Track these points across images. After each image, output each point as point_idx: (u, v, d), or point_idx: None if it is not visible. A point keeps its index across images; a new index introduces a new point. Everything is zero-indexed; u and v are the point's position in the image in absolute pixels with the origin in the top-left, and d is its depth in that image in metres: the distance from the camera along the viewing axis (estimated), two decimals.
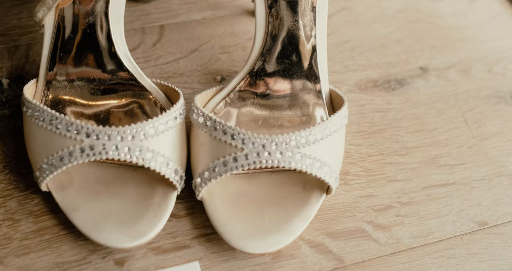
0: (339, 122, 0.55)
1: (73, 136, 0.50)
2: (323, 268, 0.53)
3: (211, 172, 0.52)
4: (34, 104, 0.52)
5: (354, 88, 0.66)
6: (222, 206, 0.53)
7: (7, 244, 0.51)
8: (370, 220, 0.57)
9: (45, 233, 0.52)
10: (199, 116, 0.54)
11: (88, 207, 0.51)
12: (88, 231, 0.50)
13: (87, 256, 0.51)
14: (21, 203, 0.53)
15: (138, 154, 0.50)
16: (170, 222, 0.54)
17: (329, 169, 0.53)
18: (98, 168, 0.54)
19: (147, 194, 0.53)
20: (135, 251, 0.52)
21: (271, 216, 0.53)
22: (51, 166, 0.50)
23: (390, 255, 0.55)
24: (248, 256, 0.53)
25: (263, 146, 0.51)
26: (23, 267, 0.50)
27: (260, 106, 0.58)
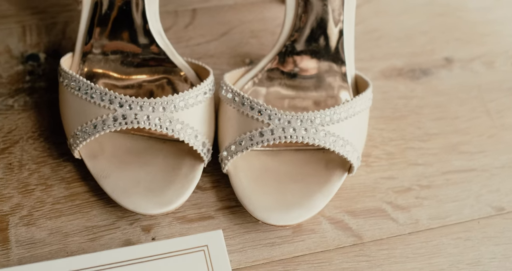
0: (363, 104, 0.57)
1: (107, 105, 0.52)
2: (342, 243, 0.55)
3: (238, 146, 0.54)
4: (71, 74, 0.55)
5: (379, 76, 0.68)
6: (246, 180, 0.55)
7: (40, 207, 0.54)
8: (390, 200, 0.58)
9: (76, 199, 0.55)
10: (227, 93, 0.56)
11: (118, 174, 0.54)
12: (117, 197, 0.53)
13: (116, 222, 0.54)
14: (54, 170, 0.56)
15: (168, 124, 0.53)
16: (195, 193, 0.56)
17: (352, 148, 0.55)
18: (128, 139, 0.57)
19: (175, 165, 0.55)
20: (161, 219, 0.54)
21: (294, 191, 0.55)
22: (84, 133, 0.53)
23: (408, 234, 0.56)
24: (269, 228, 0.55)
25: (288, 122, 0.53)
26: (54, 229, 0.53)
27: (287, 86, 0.60)
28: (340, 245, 0.55)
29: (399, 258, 0.55)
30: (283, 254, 0.54)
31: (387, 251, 0.55)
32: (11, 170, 0.56)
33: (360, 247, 0.55)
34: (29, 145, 0.57)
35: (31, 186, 0.55)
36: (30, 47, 0.63)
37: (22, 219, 0.53)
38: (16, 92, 0.60)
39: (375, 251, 0.55)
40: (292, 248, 0.54)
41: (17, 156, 0.57)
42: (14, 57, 0.62)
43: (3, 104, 0.59)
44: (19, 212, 0.54)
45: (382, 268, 0.54)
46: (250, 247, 0.54)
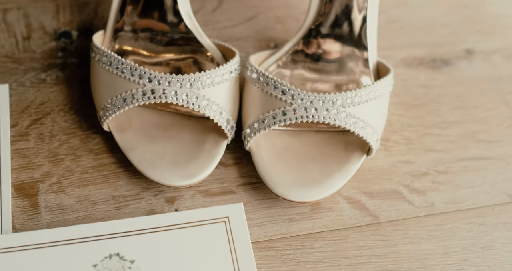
0: (384, 88, 0.59)
1: (137, 80, 0.55)
2: (359, 222, 0.57)
3: (261, 124, 0.56)
4: (102, 50, 0.57)
5: (400, 64, 0.70)
6: (268, 157, 0.57)
7: (69, 176, 0.56)
8: (407, 184, 0.60)
9: (103, 169, 0.57)
10: (252, 73, 0.58)
11: (145, 147, 0.56)
12: (143, 168, 0.55)
13: (141, 193, 0.56)
14: (83, 141, 0.58)
15: (195, 100, 0.55)
16: (218, 169, 0.58)
17: (371, 130, 0.57)
18: (155, 114, 0.59)
19: (200, 140, 0.57)
20: (184, 192, 0.57)
21: (313, 170, 0.57)
22: (114, 106, 0.55)
23: (423, 217, 0.58)
24: (289, 205, 0.57)
25: (311, 102, 0.55)
26: (82, 196, 0.55)
27: (310, 69, 0.62)
28: (356, 224, 0.57)
29: (414, 239, 0.57)
30: (301, 230, 0.56)
31: (402, 232, 0.57)
32: (42, 140, 0.58)
33: (376, 226, 0.57)
34: (60, 117, 0.60)
35: (61, 155, 0.58)
36: (63, 25, 0.66)
37: (51, 186, 0.56)
38: (48, 67, 0.63)
39: (390, 231, 0.57)
40: (309, 225, 0.56)
41: (48, 127, 0.59)
42: (47, 34, 0.65)
43: (36, 78, 0.62)
44: (49, 179, 0.56)
45: (397, 247, 0.56)
46: (269, 222, 0.56)
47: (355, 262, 0.55)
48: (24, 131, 0.59)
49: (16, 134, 0.58)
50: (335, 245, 0.55)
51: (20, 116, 0.59)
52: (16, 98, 0.60)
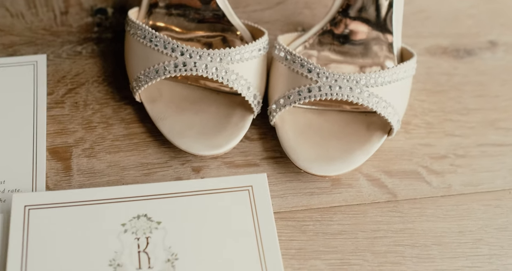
0: (407, 71, 0.61)
1: (169, 53, 0.58)
2: (377, 199, 0.60)
3: (286, 99, 0.59)
4: (137, 24, 0.60)
5: (424, 52, 0.72)
6: (292, 132, 0.60)
7: (101, 142, 0.60)
8: (426, 165, 0.63)
9: (133, 138, 0.60)
10: (280, 52, 0.61)
11: (174, 118, 0.59)
12: (172, 138, 0.58)
13: (169, 161, 0.59)
14: (115, 111, 0.62)
15: (224, 74, 0.58)
16: (243, 142, 0.61)
17: (393, 110, 0.60)
18: (185, 88, 0.62)
19: (227, 114, 0.60)
20: (210, 162, 0.60)
21: (335, 147, 0.60)
22: (147, 77, 0.59)
23: (440, 197, 0.61)
24: (310, 179, 0.60)
25: (335, 81, 0.58)
26: (113, 162, 0.59)
27: (336, 52, 0.65)
28: (375, 200, 0.59)
29: (430, 217, 0.59)
30: (321, 203, 0.59)
31: (419, 210, 0.59)
32: (76, 108, 0.62)
33: (394, 204, 0.60)
34: (94, 87, 0.63)
35: (94, 123, 0.61)
36: (99, 1, 0.69)
37: (84, 151, 0.59)
38: (84, 41, 0.66)
39: (408, 209, 0.59)
40: (329, 199, 0.59)
41: (83, 96, 0.63)
42: (84, 9, 0.68)
43: (72, 50, 0.65)
44: (82, 145, 0.59)
45: (414, 224, 0.58)
46: (291, 194, 0.59)
47: (372, 236, 0.57)
48: (60, 100, 0.62)
49: (52, 101, 0.62)
50: (354, 219, 0.58)
51: (56, 85, 0.63)
52: (52, 69, 0.64)
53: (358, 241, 0.57)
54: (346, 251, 0.56)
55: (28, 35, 0.67)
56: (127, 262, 0.51)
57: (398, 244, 0.57)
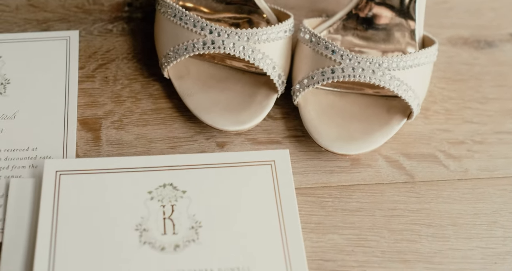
0: (428, 57, 0.64)
1: (198, 31, 0.61)
2: (395, 180, 0.62)
3: (310, 79, 0.62)
4: (168, 3, 0.63)
5: (445, 42, 0.75)
6: (314, 112, 0.63)
7: (129, 115, 0.63)
8: (444, 149, 0.65)
9: (161, 112, 0.63)
10: (305, 34, 0.64)
11: (201, 95, 0.62)
12: (198, 113, 0.61)
13: (194, 136, 0.62)
14: (143, 86, 0.65)
15: (251, 53, 0.61)
16: (266, 121, 0.64)
17: (414, 94, 0.62)
18: (212, 67, 0.65)
19: (252, 93, 0.63)
20: (234, 138, 0.62)
21: (356, 127, 0.62)
22: (176, 53, 0.61)
23: (457, 180, 0.63)
24: (330, 158, 0.62)
25: (358, 63, 0.61)
26: (140, 135, 0.62)
27: (359, 37, 0.68)
28: (393, 180, 0.62)
29: (447, 199, 0.61)
30: (340, 181, 0.61)
31: (436, 192, 0.62)
32: (106, 82, 0.65)
33: (412, 185, 0.62)
34: (123, 64, 0.66)
35: (123, 97, 0.64)
36: None
37: (113, 123, 0.62)
38: (115, 19, 0.69)
39: (424, 190, 0.62)
40: (349, 177, 0.61)
41: (113, 72, 0.66)
42: None
43: (103, 28, 0.68)
44: (111, 117, 0.62)
45: (430, 205, 0.61)
46: (311, 172, 0.61)
47: (389, 214, 0.60)
48: (91, 74, 0.65)
49: (83, 75, 0.65)
50: (372, 197, 0.60)
51: (87, 60, 0.66)
52: (84, 45, 0.67)
53: (375, 219, 0.59)
54: (363, 227, 0.58)
55: (61, 12, 0.70)
56: (153, 228, 0.54)
57: (414, 223, 0.59)
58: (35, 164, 0.58)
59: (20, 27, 0.68)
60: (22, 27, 0.68)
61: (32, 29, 0.68)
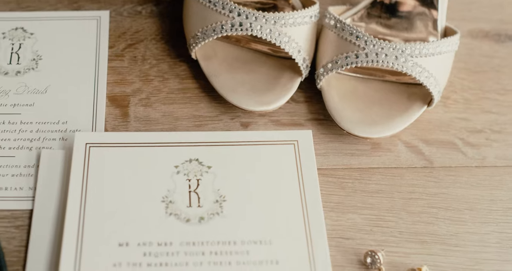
0: (450, 46, 0.66)
1: (227, 13, 0.63)
2: (414, 164, 0.64)
3: (334, 64, 0.64)
4: None
5: (466, 35, 0.77)
6: (337, 96, 0.65)
7: (156, 94, 0.65)
8: (462, 137, 0.67)
9: (187, 92, 0.66)
10: (330, 20, 0.66)
11: (227, 76, 0.64)
12: (225, 93, 0.63)
13: (219, 115, 0.64)
14: (171, 67, 0.67)
15: (277, 36, 0.63)
16: (289, 104, 0.66)
17: (435, 81, 0.64)
18: (238, 49, 0.67)
19: (276, 75, 0.65)
20: (258, 119, 0.65)
21: (377, 112, 0.64)
22: (204, 34, 0.64)
23: (474, 167, 0.65)
24: (351, 141, 0.64)
25: (382, 49, 0.63)
26: (167, 112, 0.64)
27: (383, 25, 0.70)
28: (412, 165, 0.64)
29: (464, 184, 0.63)
30: (360, 164, 0.63)
31: (454, 177, 0.64)
32: (135, 61, 0.67)
33: (430, 170, 0.64)
34: (152, 44, 0.69)
35: (151, 76, 0.66)
36: None
37: (140, 100, 0.65)
38: (144, 2, 0.72)
39: (443, 175, 0.64)
40: (369, 161, 0.64)
41: (141, 52, 0.68)
42: None
43: (133, 10, 0.71)
44: (139, 95, 0.65)
45: (448, 189, 0.63)
46: (333, 154, 0.63)
47: (408, 197, 0.62)
48: (120, 53, 0.68)
49: (112, 54, 0.68)
50: (391, 180, 0.62)
51: (117, 40, 0.69)
52: (114, 25, 0.70)
53: (394, 201, 0.61)
54: (382, 208, 0.60)
55: None
56: (179, 200, 0.56)
57: (432, 206, 0.61)
58: (65, 137, 0.60)
59: (51, 6, 0.71)
60: (53, 6, 0.71)
61: (63, 8, 0.71)
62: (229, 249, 0.54)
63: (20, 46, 0.66)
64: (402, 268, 0.57)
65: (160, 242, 0.53)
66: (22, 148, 0.59)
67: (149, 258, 0.53)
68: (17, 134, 0.60)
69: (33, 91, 0.63)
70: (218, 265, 0.53)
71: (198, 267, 0.52)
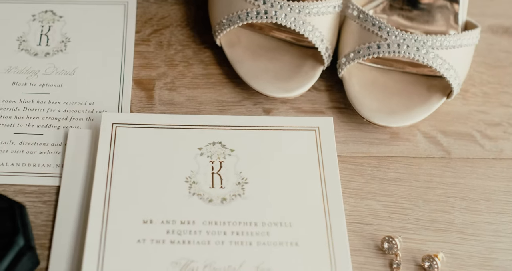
0: (471, 39, 0.67)
1: (252, 1, 0.65)
2: (432, 154, 0.66)
3: (356, 53, 0.65)
4: None
5: (487, 30, 0.78)
6: (358, 85, 0.66)
7: (181, 78, 0.67)
8: (480, 130, 0.68)
9: (211, 78, 0.68)
10: (353, 11, 0.68)
11: (251, 63, 0.66)
12: (248, 79, 0.65)
13: (242, 101, 0.66)
14: (195, 53, 0.69)
15: (301, 24, 0.65)
16: (311, 92, 0.68)
17: (455, 73, 0.66)
18: (261, 37, 0.69)
19: (299, 64, 0.67)
20: (280, 106, 0.66)
21: (397, 102, 0.66)
22: (229, 21, 0.66)
23: (491, 159, 0.66)
24: (371, 130, 0.66)
25: (404, 40, 0.64)
26: (191, 96, 0.66)
27: (404, 17, 0.71)
28: (430, 155, 0.65)
29: (481, 175, 0.65)
30: (379, 152, 0.65)
31: (471, 168, 0.65)
32: (160, 46, 0.69)
33: (448, 160, 0.65)
34: (177, 30, 0.71)
35: (176, 61, 0.68)
36: None
37: (165, 84, 0.67)
38: None
39: (460, 166, 0.65)
40: (387, 149, 0.65)
41: (167, 37, 0.70)
42: None
43: None
44: (164, 79, 0.67)
45: (465, 180, 0.64)
46: (352, 141, 0.65)
47: (425, 185, 0.63)
48: (146, 38, 0.70)
49: (139, 39, 0.70)
50: (409, 169, 0.64)
51: (143, 25, 0.71)
52: (141, 11, 0.72)
53: (411, 189, 0.63)
54: (400, 196, 0.62)
55: None
56: (202, 181, 0.58)
57: (449, 195, 0.63)
58: (91, 117, 0.62)
59: None
60: None
61: None
62: (250, 229, 0.55)
63: (49, 28, 0.68)
64: (418, 254, 0.58)
65: (183, 221, 0.55)
66: (50, 127, 0.61)
67: (172, 236, 0.54)
68: (45, 113, 0.62)
69: (61, 72, 0.65)
70: (239, 244, 0.55)
71: (220, 246, 0.54)
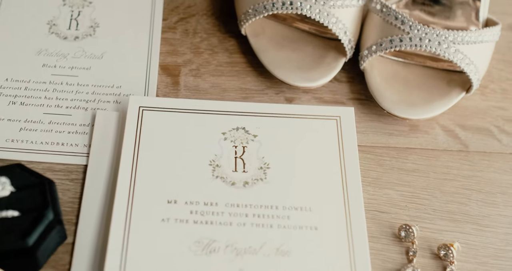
0: (492, 36, 0.69)
1: None
2: (450, 147, 0.67)
3: (378, 46, 0.67)
4: None
5: (507, 28, 0.80)
6: (379, 77, 0.68)
7: (206, 66, 0.69)
8: (498, 125, 0.70)
9: (235, 66, 0.70)
10: (377, 4, 0.70)
11: (274, 52, 0.68)
12: (272, 68, 0.67)
13: (265, 89, 0.68)
14: (221, 41, 0.71)
15: (326, 16, 0.67)
16: (332, 83, 0.70)
17: (475, 68, 0.68)
18: (285, 28, 0.71)
19: (322, 54, 0.69)
20: (302, 95, 0.68)
21: (417, 95, 0.68)
22: (255, 11, 0.68)
23: (508, 154, 0.68)
24: (391, 122, 0.68)
25: (426, 34, 0.66)
26: (216, 83, 0.68)
27: (426, 13, 0.73)
28: (448, 148, 0.67)
29: (498, 169, 0.67)
30: (398, 143, 0.67)
31: (488, 162, 0.67)
32: (186, 34, 0.72)
33: (465, 153, 0.67)
34: (203, 19, 0.73)
35: (201, 49, 0.71)
36: None
37: (191, 71, 0.69)
38: None
39: (477, 160, 0.67)
40: (406, 141, 0.67)
41: (192, 25, 0.72)
42: None
43: None
44: (189, 65, 0.69)
45: (482, 173, 0.66)
46: (372, 132, 0.67)
47: (443, 177, 0.65)
48: (173, 26, 0.72)
49: (165, 26, 0.72)
50: (427, 161, 0.66)
51: (170, 13, 0.73)
52: None
53: (429, 180, 0.65)
54: (417, 186, 0.64)
55: None
56: (225, 164, 0.60)
57: (466, 188, 0.65)
58: (119, 100, 0.64)
59: None
60: None
61: None
62: (271, 213, 0.57)
63: (79, 13, 0.70)
64: (434, 243, 0.60)
65: (206, 202, 0.57)
66: (78, 108, 0.64)
67: (195, 216, 0.57)
68: (74, 95, 0.65)
69: (90, 56, 0.67)
70: (260, 227, 0.57)
71: (242, 227, 0.56)
